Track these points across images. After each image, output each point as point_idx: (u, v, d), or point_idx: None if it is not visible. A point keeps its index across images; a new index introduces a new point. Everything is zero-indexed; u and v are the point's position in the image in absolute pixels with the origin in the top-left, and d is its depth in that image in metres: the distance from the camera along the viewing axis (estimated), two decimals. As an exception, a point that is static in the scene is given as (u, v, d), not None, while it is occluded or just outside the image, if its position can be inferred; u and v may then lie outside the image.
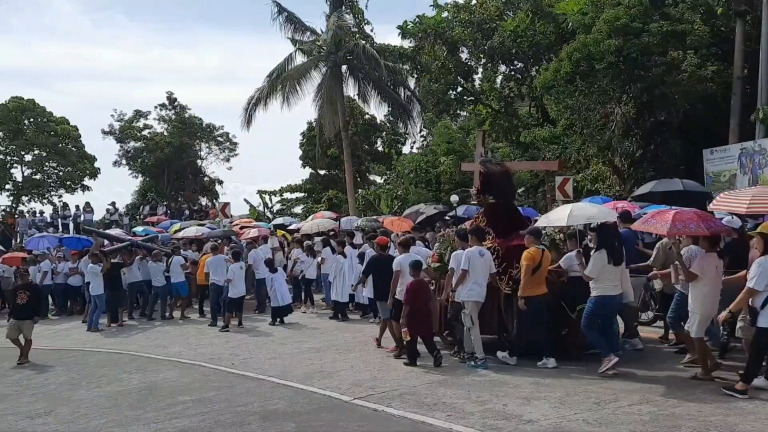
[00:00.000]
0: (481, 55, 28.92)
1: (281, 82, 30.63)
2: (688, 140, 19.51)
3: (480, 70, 30.73)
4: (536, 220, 11.03)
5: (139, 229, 24.64)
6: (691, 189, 14.68)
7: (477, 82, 31.49)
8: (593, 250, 8.27)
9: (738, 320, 7.61)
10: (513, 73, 29.48)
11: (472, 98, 31.21)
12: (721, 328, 7.81)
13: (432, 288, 9.95)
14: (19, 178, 38.66)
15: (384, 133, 41.80)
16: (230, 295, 13.57)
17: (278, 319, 13.76)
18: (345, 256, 14.22)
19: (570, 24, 22.00)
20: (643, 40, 18.48)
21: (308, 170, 42.62)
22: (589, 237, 9.33)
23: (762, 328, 6.73)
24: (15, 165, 38.66)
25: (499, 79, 30.81)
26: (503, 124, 29.57)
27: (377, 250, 11.27)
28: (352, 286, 13.47)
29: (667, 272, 8.65)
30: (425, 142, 36.89)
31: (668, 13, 19.48)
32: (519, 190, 22.54)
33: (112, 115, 40.86)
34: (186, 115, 41.39)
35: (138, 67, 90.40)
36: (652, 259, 9.43)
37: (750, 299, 6.83)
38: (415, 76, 32.48)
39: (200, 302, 16.01)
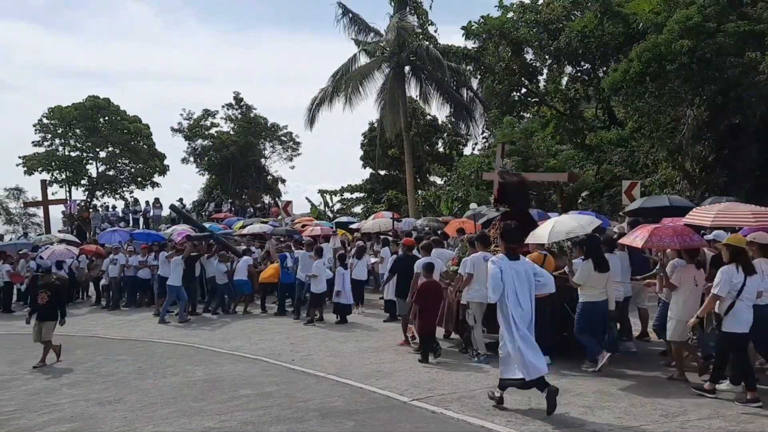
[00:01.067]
0: (547, 56, 28.46)
1: (344, 82, 30.96)
2: (765, 144, 18.67)
3: (545, 71, 30.26)
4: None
5: (204, 225, 25.33)
6: (678, 204, 14.58)
7: (542, 84, 31.00)
8: (582, 259, 8.67)
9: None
10: (579, 74, 28.88)
11: (537, 100, 30.74)
12: (690, 333, 8.09)
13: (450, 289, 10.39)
14: (94, 174, 40.40)
15: (445, 134, 41.66)
16: (313, 290, 13.87)
17: (339, 317, 13.84)
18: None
19: (641, 24, 21.38)
20: (718, 40, 17.82)
21: (369, 170, 42.91)
22: (569, 247, 9.67)
23: (726, 332, 7.06)
24: (90, 161, 40.47)
25: (564, 80, 30.25)
26: (568, 126, 28.99)
27: (403, 250, 12.08)
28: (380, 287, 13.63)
29: (653, 282, 9.23)
30: (487, 144, 36.56)
31: (746, 13, 18.70)
32: (583, 194, 22.07)
33: (181, 114, 42.27)
34: (252, 115, 42.31)
35: (206, 67, 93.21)
36: (657, 267, 9.54)
37: (716, 305, 7.13)
38: (479, 76, 32.24)
39: (262, 299, 16.33)
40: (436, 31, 34.78)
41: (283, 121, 63.69)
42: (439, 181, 39.00)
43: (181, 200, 34.77)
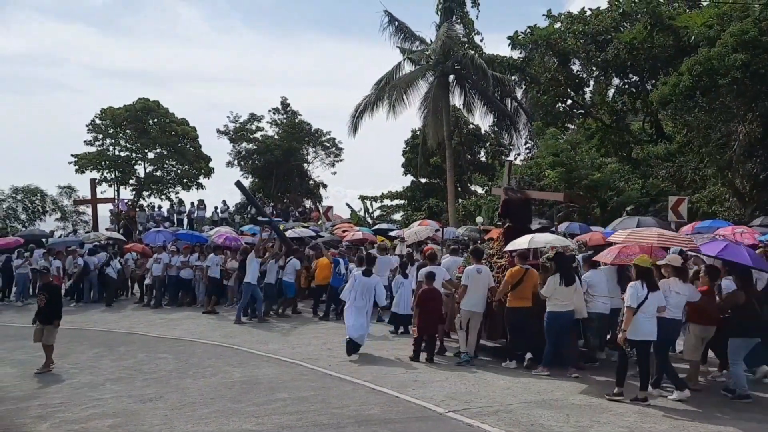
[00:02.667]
0: (594, 68, 28.11)
1: (388, 90, 31.06)
2: (820, 163, 18.08)
3: (591, 82, 29.86)
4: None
5: (246, 227, 25.71)
6: (647, 225, 14.49)
7: (588, 95, 30.59)
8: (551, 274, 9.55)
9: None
10: (627, 86, 28.42)
11: (582, 111, 30.34)
12: (626, 348, 8.35)
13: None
14: (142, 174, 41.42)
15: (488, 144, 41.45)
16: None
17: (401, 328, 13.39)
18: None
19: (692, 37, 20.93)
20: (773, 54, 17.33)
21: (410, 178, 42.94)
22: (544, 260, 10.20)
23: (629, 341, 8.01)
24: (139, 162, 41.50)
25: (611, 92, 29.79)
26: (614, 138, 28.54)
27: (424, 260, 12.61)
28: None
29: None
30: (530, 154, 36.23)
31: (804, 27, 18.16)
32: (627, 209, 21.66)
33: (228, 117, 42.93)
34: (297, 120, 42.81)
35: (252, 71, 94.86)
36: None
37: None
38: (523, 87, 31.99)
39: (315, 303, 16.45)
40: (482, 41, 34.73)
41: (325, 124, 64.81)
42: (480, 190, 38.79)
43: (224, 202, 35.38)
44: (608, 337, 10.30)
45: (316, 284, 16.39)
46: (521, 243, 10.32)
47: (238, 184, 21.20)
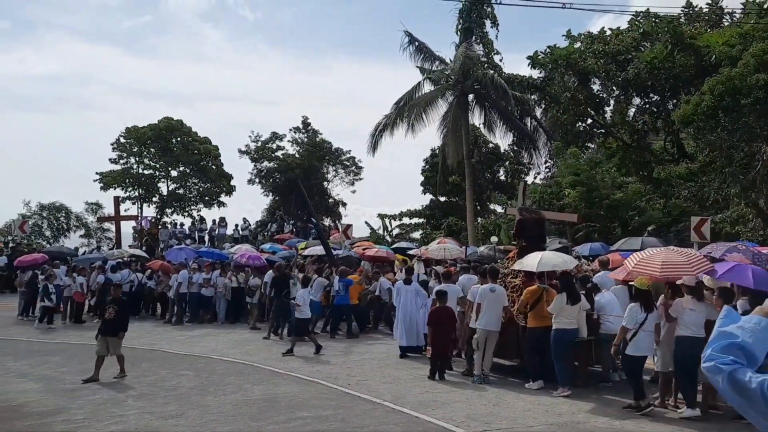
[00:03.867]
0: (614, 87, 28.01)
1: (408, 109, 31.24)
2: None
3: (612, 102, 29.77)
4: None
5: (266, 245, 25.89)
6: (650, 246, 14.24)
7: (608, 115, 30.49)
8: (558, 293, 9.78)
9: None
10: (648, 105, 28.29)
11: (603, 131, 30.24)
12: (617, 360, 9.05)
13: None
14: (165, 192, 41.95)
15: (507, 163, 41.40)
16: (297, 316, 13.72)
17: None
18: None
19: (713, 57, 20.85)
20: (797, 74, 17.20)
21: (429, 196, 42.94)
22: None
23: (628, 355, 8.66)
24: (162, 180, 42.05)
25: (631, 112, 29.67)
26: (635, 158, 28.37)
27: (441, 279, 12.97)
28: None
29: None
30: (549, 173, 36.13)
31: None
32: (648, 229, 21.48)
33: (250, 136, 43.32)
34: (317, 139, 43.14)
35: (274, 90, 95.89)
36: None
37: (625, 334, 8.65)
38: (543, 106, 31.98)
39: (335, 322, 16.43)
40: (501, 60, 34.87)
41: (345, 143, 65.01)
42: (499, 209, 38.68)
43: (245, 220, 35.74)
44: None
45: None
46: (530, 263, 10.46)
47: (297, 185, 21.31)
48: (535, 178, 37.87)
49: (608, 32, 28.60)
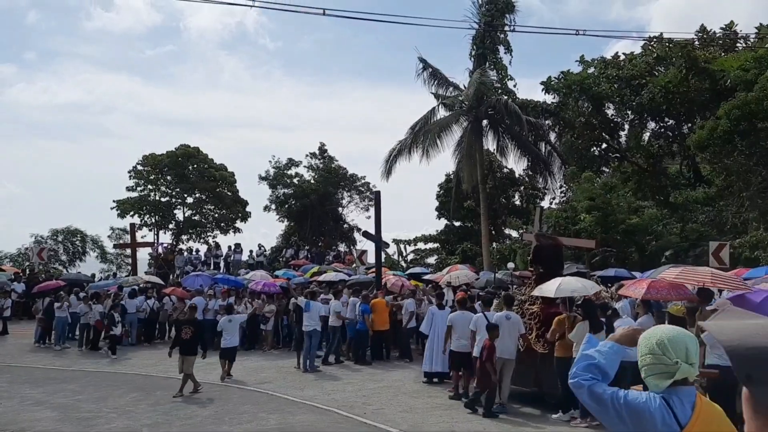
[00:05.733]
0: (629, 112, 28.01)
1: (422, 135, 31.39)
2: None
3: (626, 126, 29.73)
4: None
5: (280, 272, 25.89)
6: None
7: (623, 139, 30.43)
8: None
9: None
10: (663, 129, 28.23)
11: (617, 155, 30.15)
12: None
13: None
14: (181, 218, 42.26)
15: (522, 188, 41.32)
16: (223, 345, 13.93)
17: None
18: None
19: (728, 81, 20.80)
20: (814, 98, 17.09)
21: (443, 221, 42.88)
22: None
23: None
24: (178, 206, 42.37)
25: (646, 136, 29.59)
26: (650, 182, 28.22)
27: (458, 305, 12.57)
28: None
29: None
30: (564, 198, 35.99)
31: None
32: (666, 253, 21.29)
33: (270, 161, 43.48)
34: (333, 165, 43.34)
35: (290, 117, 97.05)
36: None
37: None
38: (557, 131, 31.99)
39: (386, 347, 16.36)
40: (515, 86, 34.97)
41: (360, 168, 65.35)
42: (514, 234, 38.54)
43: (260, 246, 35.83)
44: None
45: (375, 330, 15.85)
46: (548, 289, 10.37)
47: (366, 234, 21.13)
48: (550, 203, 37.74)
49: (622, 57, 28.68)
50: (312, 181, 42.71)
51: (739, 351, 1.66)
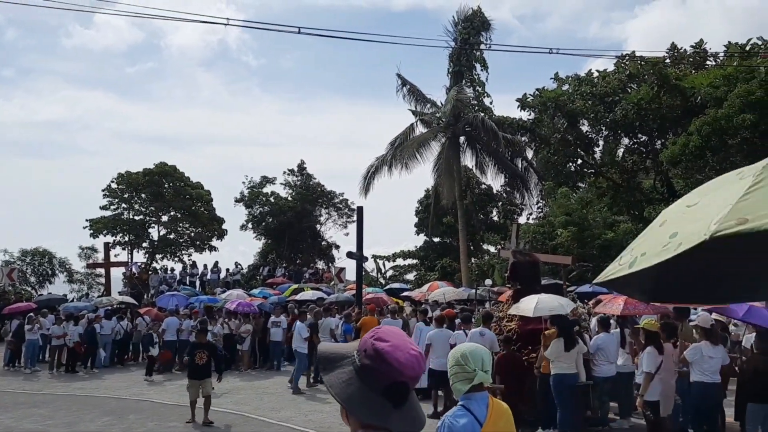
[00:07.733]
0: (603, 128, 28.38)
1: (401, 151, 31.48)
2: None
3: (601, 142, 30.12)
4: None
5: (256, 291, 25.54)
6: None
7: (597, 155, 30.80)
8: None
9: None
10: (636, 145, 28.63)
11: (593, 171, 30.50)
12: (645, 412, 8.64)
13: None
14: (155, 237, 41.68)
15: (500, 203, 41.56)
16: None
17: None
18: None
19: (699, 97, 21.19)
20: (781, 114, 17.46)
21: (422, 237, 42.88)
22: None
23: (653, 401, 8.42)
24: (153, 225, 41.80)
25: (620, 152, 29.99)
26: (625, 197, 28.55)
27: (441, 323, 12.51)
28: None
29: None
30: (542, 213, 36.26)
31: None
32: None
33: (243, 182, 42.96)
34: (311, 182, 43.09)
35: (269, 133, 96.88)
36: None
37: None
38: (534, 147, 32.29)
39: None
40: (491, 103, 35.28)
41: (339, 185, 65.14)
42: (492, 249, 38.67)
43: (236, 264, 35.49)
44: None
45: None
46: (527, 308, 10.28)
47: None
48: (527, 218, 38.00)
49: (595, 74, 29.11)
50: (289, 198, 42.44)
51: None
